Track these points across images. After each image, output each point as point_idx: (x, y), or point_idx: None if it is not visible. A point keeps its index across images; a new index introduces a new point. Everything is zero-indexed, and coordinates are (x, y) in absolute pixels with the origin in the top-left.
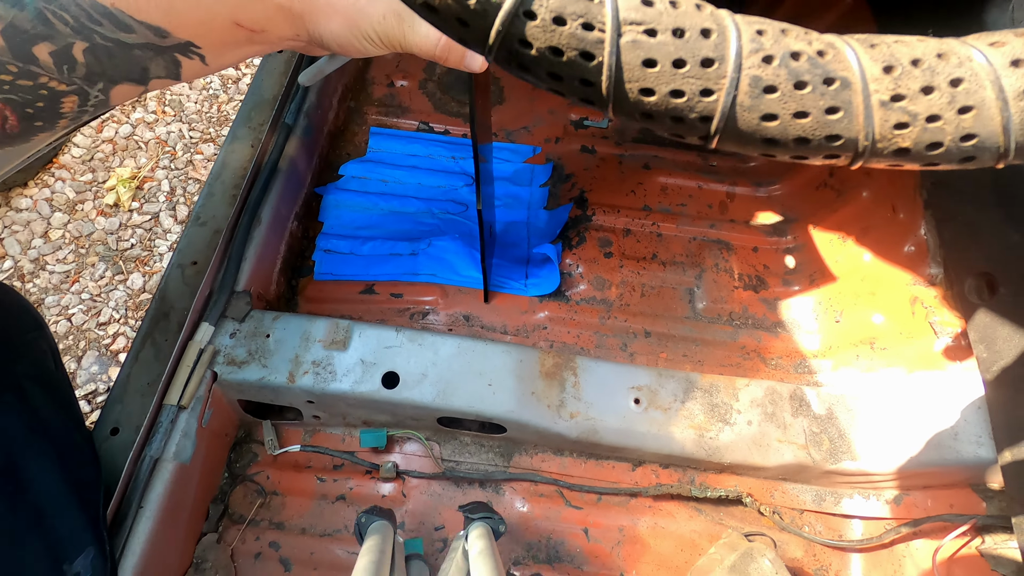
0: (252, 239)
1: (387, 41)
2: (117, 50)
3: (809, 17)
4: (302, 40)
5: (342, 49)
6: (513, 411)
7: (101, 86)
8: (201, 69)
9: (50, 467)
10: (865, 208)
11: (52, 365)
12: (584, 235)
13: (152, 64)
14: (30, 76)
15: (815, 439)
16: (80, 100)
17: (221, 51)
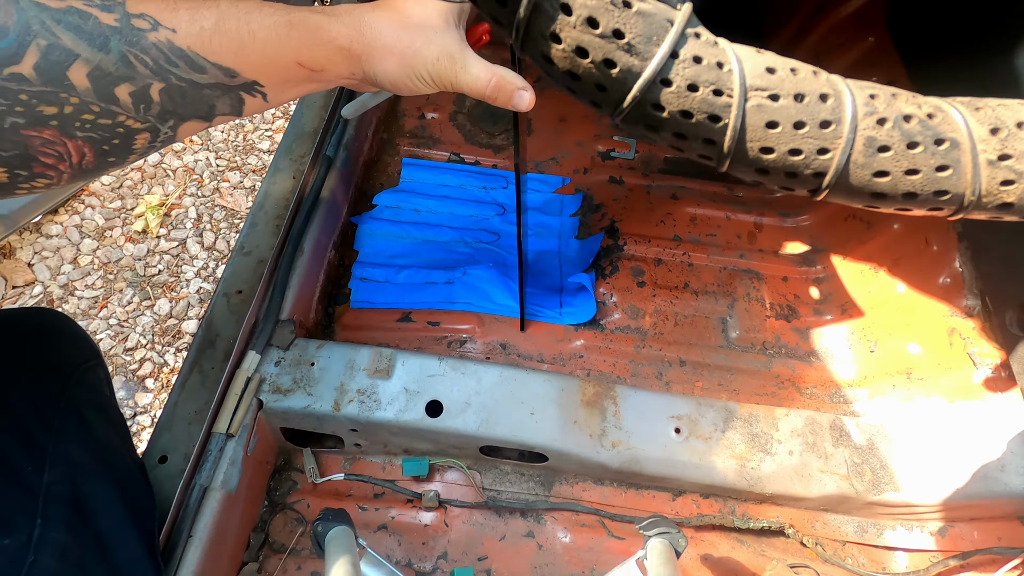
0: (295, 268)
1: (439, 81)
2: (190, 90)
3: (831, 55)
4: (356, 78)
5: (394, 87)
6: (556, 440)
7: (172, 123)
8: (261, 105)
9: (112, 496)
10: (896, 239)
11: (108, 392)
12: (617, 264)
13: (219, 102)
14: (110, 115)
15: (857, 470)
16: (151, 137)
17: (282, 89)
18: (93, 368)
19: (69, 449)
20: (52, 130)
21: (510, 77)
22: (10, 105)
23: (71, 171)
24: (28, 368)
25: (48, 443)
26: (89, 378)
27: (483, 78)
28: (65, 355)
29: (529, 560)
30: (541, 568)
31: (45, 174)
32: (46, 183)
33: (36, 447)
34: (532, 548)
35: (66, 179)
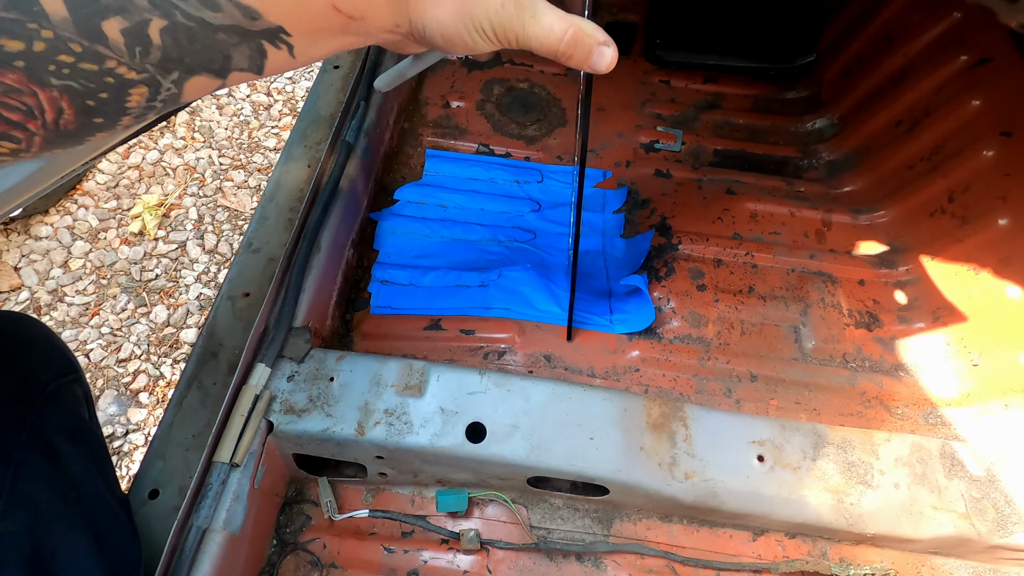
0: (311, 268)
1: (502, 34)
2: (200, 32)
3: (906, 35)
4: (400, 31)
5: (447, 42)
6: (620, 470)
7: (176, 76)
8: (287, 62)
9: (85, 547)
10: (1003, 236)
11: (86, 414)
12: (672, 266)
13: (236, 52)
14: (96, 59)
15: (977, 506)
16: (150, 93)
17: (312, 40)
18: (69, 385)
19: (32, 489)
20: (17, 73)
21: (589, 29)
22: None
23: (44, 132)
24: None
25: (5, 481)
26: (64, 397)
27: (557, 29)
28: (37, 369)
29: None
30: None
31: (9, 135)
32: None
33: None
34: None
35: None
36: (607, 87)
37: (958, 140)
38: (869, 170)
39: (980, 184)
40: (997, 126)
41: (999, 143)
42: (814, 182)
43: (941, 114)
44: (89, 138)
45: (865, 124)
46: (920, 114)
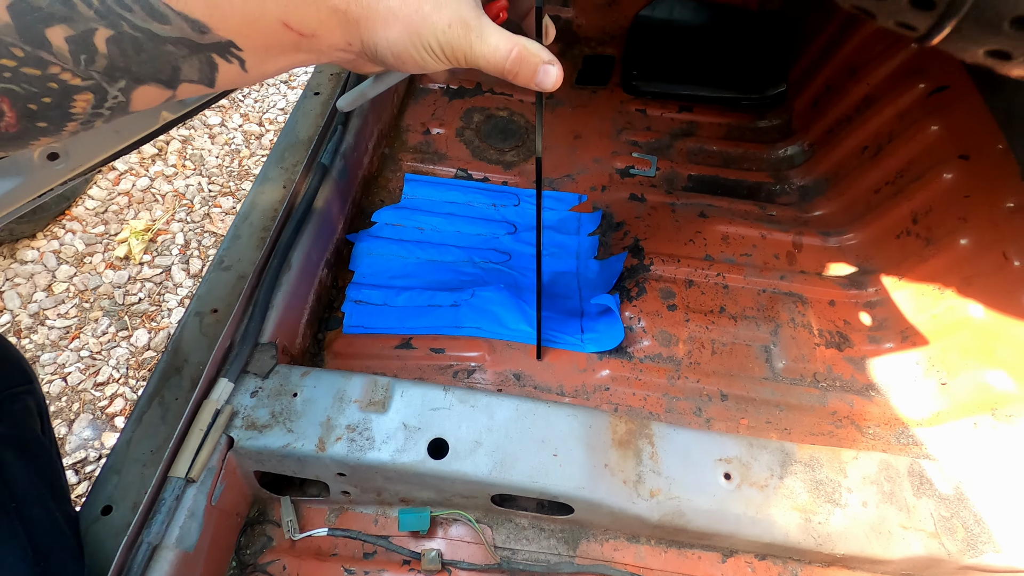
0: (280, 285)
1: (450, 53)
2: (147, 42)
3: (869, 64)
4: (353, 51)
5: (397, 60)
6: (584, 488)
7: (123, 85)
8: (238, 77)
9: (19, 559)
10: (965, 256)
11: (38, 427)
12: (643, 286)
13: (185, 65)
14: (39, 64)
15: (946, 525)
16: (96, 100)
17: (264, 56)
18: (21, 396)
19: None
20: None
21: (534, 48)
22: None
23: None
24: None
25: None
26: (14, 408)
27: (503, 49)
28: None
29: None
30: None
31: None
32: None
33: None
34: None
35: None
36: (584, 116)
37: (920, 164)
38: (838, 194)
39: (942, 206)
40: (956, 150)
41: (958, 166)
42: (786, 206)
43: (903, 139)
44: (33, 142)
45: (834, 150)
46: (884, 139)
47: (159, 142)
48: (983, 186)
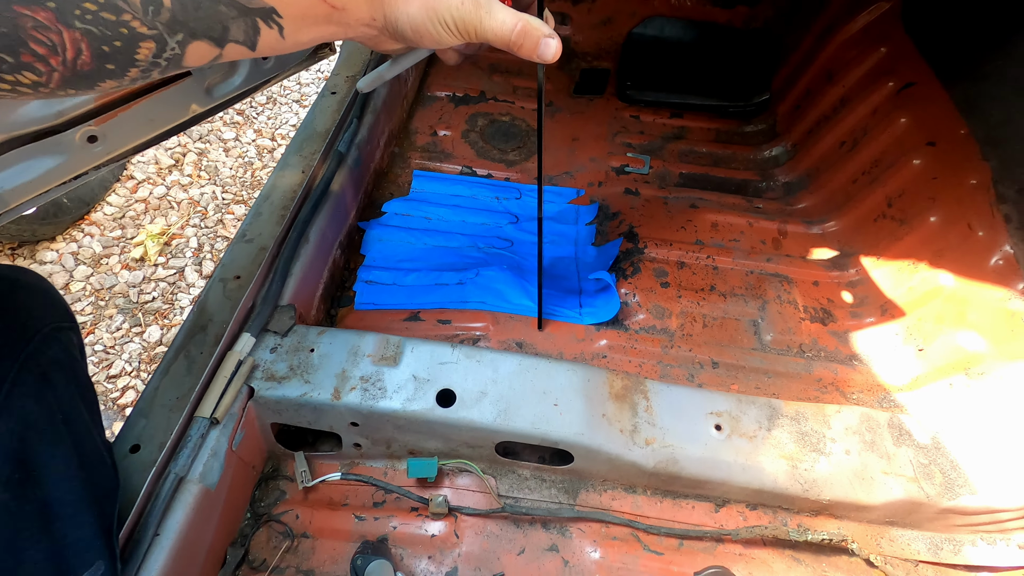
0: (299, 256)
1: (463, 27)
2: (204, 1)
3: (845, 68)
4: (376, 26)
5: (415, 34)
6: (583, 434)
7: (180, 38)
8: (277, 42)
9: (66, 464)
10: (935, 232)
11: (80, 359)
12: (638, 265)
13: (233, 25)
14: (115, 11)
15: (925, 471)
16: (156, 49)
17: (299, 25)
18: (66, 331)
19: (24, 405)
20: (48, 12)
21: (536, 24)
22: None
23: (63, 69)
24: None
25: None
26: (61, 339)
27: (508, 23)
28: (36, 312)
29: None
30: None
31: (33, 66)
32: (33, 79)
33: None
34: (556, 564)
35: (56, 80)
36: (582, 121)
37: (892, 153)
38: (820, 187)
39: (913, 189)
40: (923, 138)
41: (926, 152)
42: (771, 200)
43: (877, 132)
44: (100, 83)
45: (814, 148)
46: (860, 134)
47: (176, 153)
48: (949, 168)
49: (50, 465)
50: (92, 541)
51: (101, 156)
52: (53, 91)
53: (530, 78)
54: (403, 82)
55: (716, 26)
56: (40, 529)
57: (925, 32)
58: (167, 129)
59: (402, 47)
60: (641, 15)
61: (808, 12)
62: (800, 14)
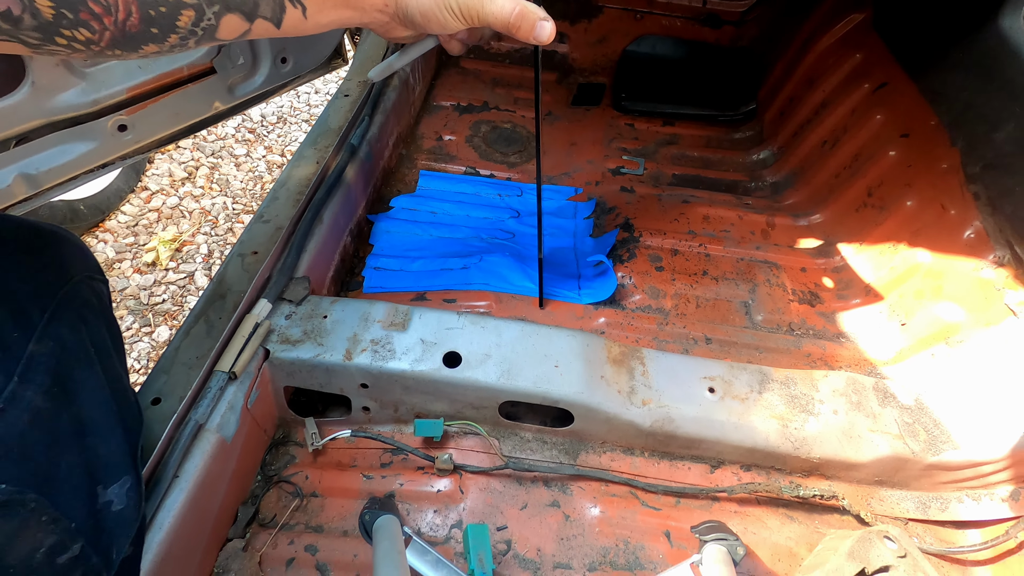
0: (313, 234)
1: (466, 12)
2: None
3: (824, 75)
4: (388, 12)
5: (423, 19)
6: (582, 393)
7: (216, 9)
8: (300, 22)
9: (99, 388)
10: (911, 214)
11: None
12: (634, 252)
13: (263, 2)
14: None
15: (909, 429)
16: (195, 18)
17: (320, 6)
18: (99, 282)
19: (62, 332)
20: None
21: (532, 8)
22: None
23: (114, 29)
24: (35, 259)
25: (40, 321)
26: (94, 286)
27: (507, 7)
28: (75, 263)
29: (555, 531)
30: (569, 540)
31: (88, 24)
32: (87, 36)
33: (27, 320)
34: (558, 518)
35: (107, 39)
36: (579, 128)
37: (870, 147)
38: (805, 184)
39: (890, 178)
40: (897, 131)
41: (900, 143)
42: (760, 198)
43: (855, 130)
44: (143, 47)
45: (799, 149)
46: (840, 133)
47: (189, 167)
48: (922, 156)
49: (84, 386)
50: (121, 458)
51: (129, 145)
52: (102, 50)
53: (530, 90)
54: (411, 90)
55: (704, 44)
56: (74, 439)
57: (895, 35)
58: (191, 123)
59: (411, 34)
60: (634, 34)
61: (789, 29)
62: (781, 31)
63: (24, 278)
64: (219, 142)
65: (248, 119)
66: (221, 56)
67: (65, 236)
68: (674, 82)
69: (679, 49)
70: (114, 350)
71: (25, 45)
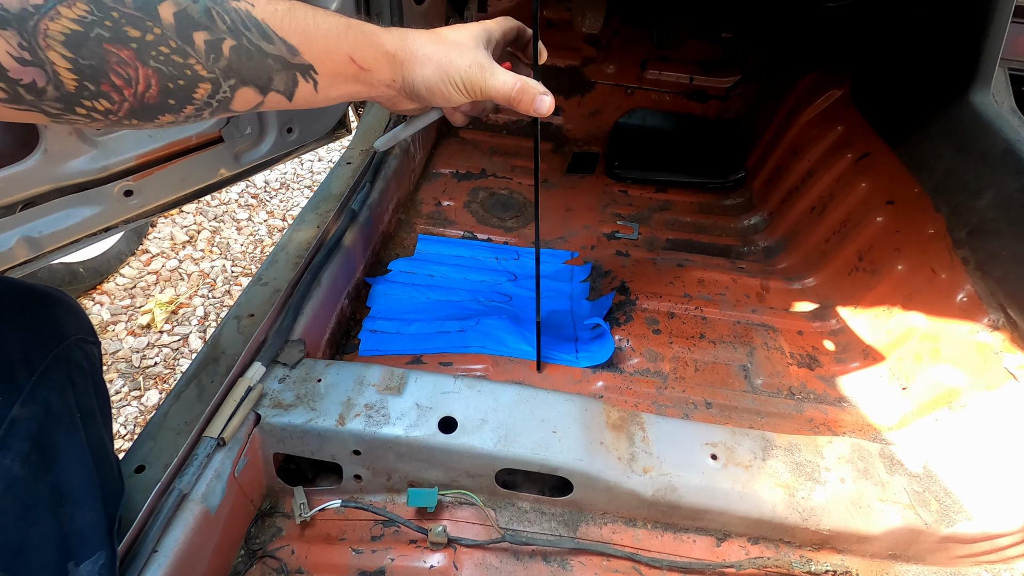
0: (310, 297)
1: (471, 87)
2: (256, 54)
3: (808, 145)
4: (395, 87)
5: (429, 93)
6: (581, 460)
7: (232, 83)
8: (311, 96)
9: (80, 457)
10: (903, 278)
11: (99, 372)
12: (631, 315)
13: (276, 76)
14: (183, 54)
15: (920, 499)
16: (211, 91)
17: (332, 82)
18: (91, 345)
19: (48, 397)
20: (130, 51)
21: (533, 83)
22: (101, 18)
23: (132, 100)
24: (28, 320)
25: (27, 383)
26: (85, 349)
27: (509, 82)
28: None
29: None
30: None
31: (109, 95)
32: (106, 107)
33: (13, 384)
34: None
35: (125, 110)
36: (575, 194)
37: (857, 213)
38: (796, 249)
39: (879, 242)
40: (883, 198)
41: (886, 210)
42: (753, 262)
43: (842, 197)
44: (160, 117)
45: (788, 215)
46: (827, 199)
47: (191, 230)
48: (908, 222)
49: (66, 452)
50: (96, 531)
51: (134, 209)
52: (119, 120)
53: (526, 159)
54: (411, 158)
55: (693, 116)
56: (50, 508)
57: (873, 109)
58: (197, 189)
59: (416, 106)
60: (626, 107)
61: (772, 103)
62: (765, 105)
63: (15, 340)
64: (222, 206)
65: (252, 184)
66: (230, 126)
67: (59, 297)
68: (665, 151)
69: (669, 121)
70: (100, 415)
71: (46, 115)
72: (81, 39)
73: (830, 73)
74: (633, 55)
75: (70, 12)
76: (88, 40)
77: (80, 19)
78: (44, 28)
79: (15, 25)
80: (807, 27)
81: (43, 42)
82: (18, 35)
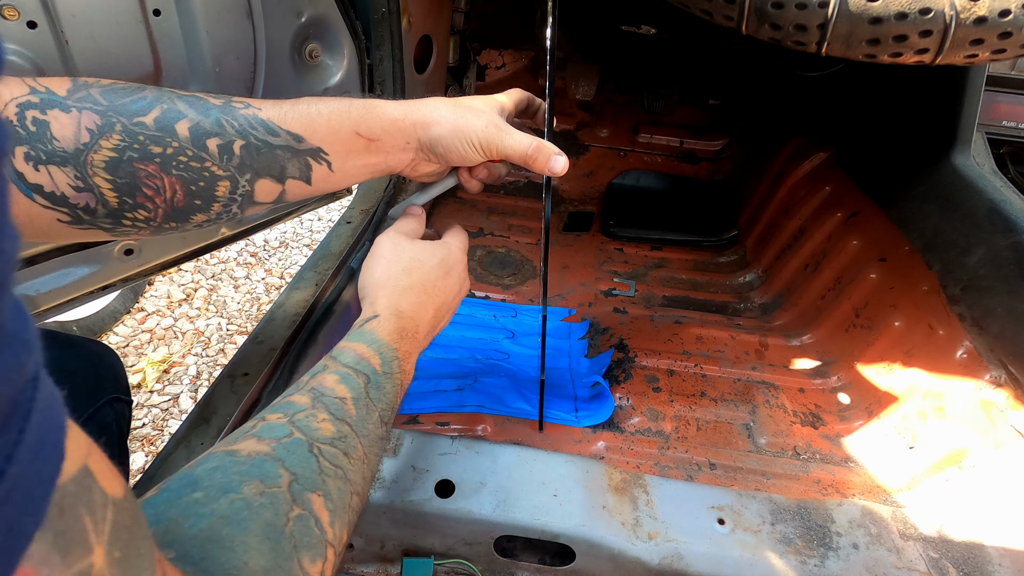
0: (306, 356)
1: (487, 146)
2: (264, 148)
3: (797, 204)
4: (411, 148)
5: (446, 152)
6: (583, 526)
7: (248, 177)
8: (328, 175)
9: None
10: (901, 334)
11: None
12: (630, 372)
13: (289, 164)
14: (199, 160)
15: (937, 565)
16: (231, 187)
17: (344, 159)
18: (123, 403)
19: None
20: (155, 165)
21: (547, 145)
22: (130, 143)
23: (164, 207)
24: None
25: None
26: (116, 408)
27: (525, 143)
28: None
29: None
30: None
31: (144, 205)
32: (145, 216)
33: None
34: None
35: (160, 215)
36: (571, 252)
37: (851, 271)
38: (792, 306)
39: (874, 299)
40: (875, 255)
41: (880, 267)
42: (750, 319)
43: (834, 254)
44: (192, 217)
45: (783, 272)
46: (820, 257)
47: (188, 288)
48: (902, 279)
49: None
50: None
51: (133, 268)
52: (160, 225)
53: (523, 218)
54: None
55: (684, 178)
56: None
57: (859, 171)
58: (197, 248)
59: (435, 169)
60: (619, 168)
61: (760, 165)
62: (754, 167)
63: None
64: (220, 264)
65: (251, 243)
66: None
67: (101, 351)
68: (659, 210)
69: (661, 182)
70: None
71: (102, 230)
72: (116, 163)
73: (814, 138)
74: (625, 120)
75: (108, 143)
76: (122, 163)
77: (116, 147)
78: (91, 160)
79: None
80: (789, 95)
81: (91, 171)
82: (74, 169)
